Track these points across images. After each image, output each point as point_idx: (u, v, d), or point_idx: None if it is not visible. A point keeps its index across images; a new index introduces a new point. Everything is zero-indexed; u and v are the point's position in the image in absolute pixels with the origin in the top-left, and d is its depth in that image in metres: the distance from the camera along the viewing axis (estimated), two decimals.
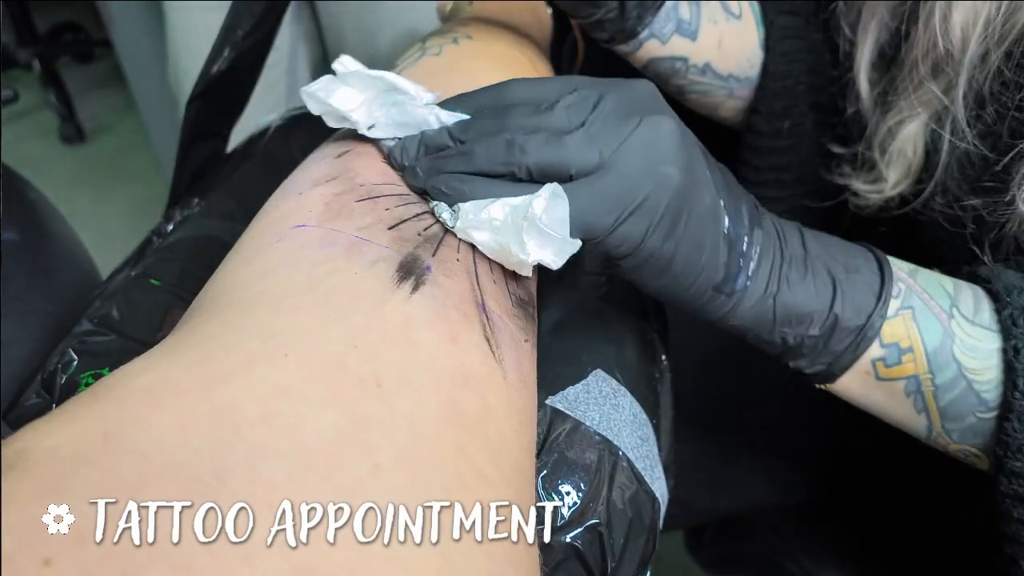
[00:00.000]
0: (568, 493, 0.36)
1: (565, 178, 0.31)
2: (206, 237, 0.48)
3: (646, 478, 0.39)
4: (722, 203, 0.34)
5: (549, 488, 0.36)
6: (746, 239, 0.35)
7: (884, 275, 0.37)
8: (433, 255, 0.31)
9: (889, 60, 0.49)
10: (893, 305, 0.36)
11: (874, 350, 0.37)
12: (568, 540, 0.35)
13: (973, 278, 0.39)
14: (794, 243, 0.37)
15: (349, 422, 0.25)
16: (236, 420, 0.23)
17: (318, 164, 0.35)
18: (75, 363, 0.40)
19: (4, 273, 0.47)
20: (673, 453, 0.45)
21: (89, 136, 1.99)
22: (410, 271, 0.30)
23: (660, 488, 0.40)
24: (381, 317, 0.28)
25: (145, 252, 0.48)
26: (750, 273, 0.35)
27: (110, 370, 0.28)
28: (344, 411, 0.25)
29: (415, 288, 0.29)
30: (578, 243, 0.32)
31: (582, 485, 0.37)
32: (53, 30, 2.10)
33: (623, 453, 0.39)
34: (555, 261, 0.31)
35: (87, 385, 0.40)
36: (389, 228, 0.31)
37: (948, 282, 0.38)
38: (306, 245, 0.31)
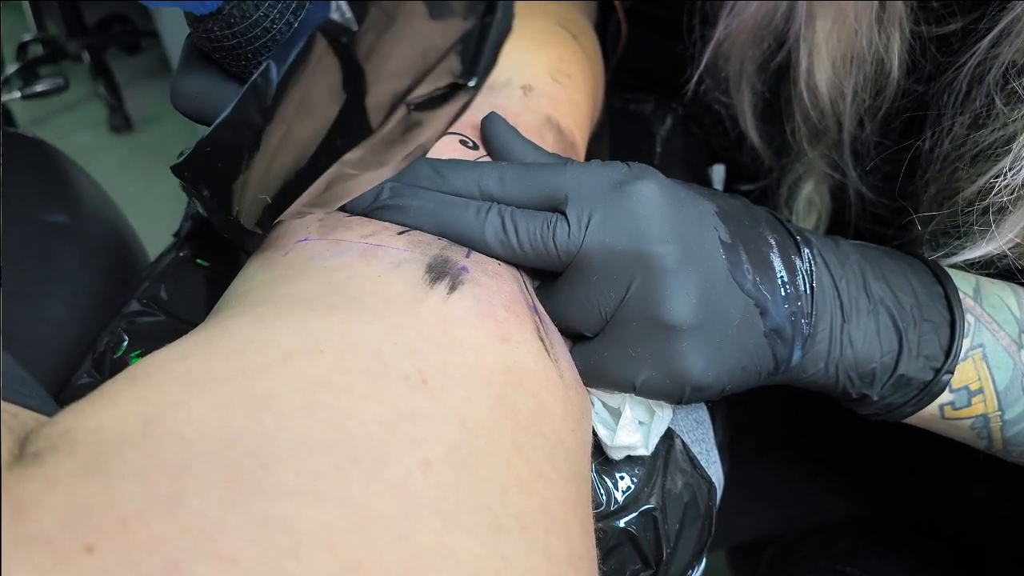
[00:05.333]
0: (622, 477, 0.35)
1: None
2: None
3: (702, 462, 0.38)
4: (754, 302, 0.31)
5: (602, 472, 0.35)
6: (791, 321, 0.32)
7: (955, 318, 0.33)
8: (467, 256, 0.30)
9: (775, 115, 0.48)
10: (963, 345, 0.33)
11: (942, 396, 0.34)
12: (622, 525, 0.34)
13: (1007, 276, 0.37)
14: (855, 290, 0.33)
15: (394, 416, 0.24)
16: (277, 410, 0.23)
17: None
18: (125, 343, 0.40)
19: (54, 255, 0.48)
20: (728, 437, 0.43)
21: (137, 125, 2.03)
22: (443, 272, 0.29)
23: (716, 473, 0.39)
24: (417, 316, 0.27)
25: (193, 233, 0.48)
26: (804, 350, 0.32)
27: None
28: (388, 405, 0.24)
29: (452, 288, 0.29)
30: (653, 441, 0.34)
31: (636, 469, 0.36)
32: (102, 22, 2.14)
33: (678, 436, 0.37)
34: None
35: None
36: (399, 234, 0.31)
37: (1011, 297, 0.35)
38: (315, 255, 0.30)
